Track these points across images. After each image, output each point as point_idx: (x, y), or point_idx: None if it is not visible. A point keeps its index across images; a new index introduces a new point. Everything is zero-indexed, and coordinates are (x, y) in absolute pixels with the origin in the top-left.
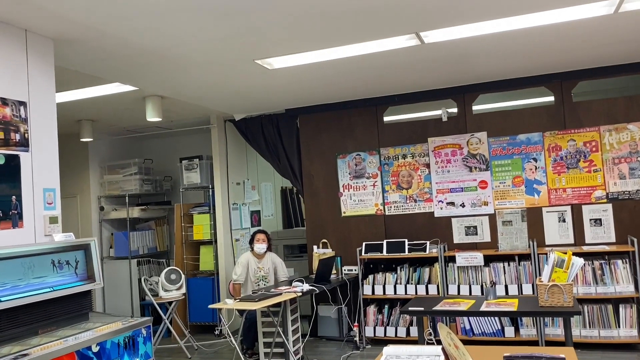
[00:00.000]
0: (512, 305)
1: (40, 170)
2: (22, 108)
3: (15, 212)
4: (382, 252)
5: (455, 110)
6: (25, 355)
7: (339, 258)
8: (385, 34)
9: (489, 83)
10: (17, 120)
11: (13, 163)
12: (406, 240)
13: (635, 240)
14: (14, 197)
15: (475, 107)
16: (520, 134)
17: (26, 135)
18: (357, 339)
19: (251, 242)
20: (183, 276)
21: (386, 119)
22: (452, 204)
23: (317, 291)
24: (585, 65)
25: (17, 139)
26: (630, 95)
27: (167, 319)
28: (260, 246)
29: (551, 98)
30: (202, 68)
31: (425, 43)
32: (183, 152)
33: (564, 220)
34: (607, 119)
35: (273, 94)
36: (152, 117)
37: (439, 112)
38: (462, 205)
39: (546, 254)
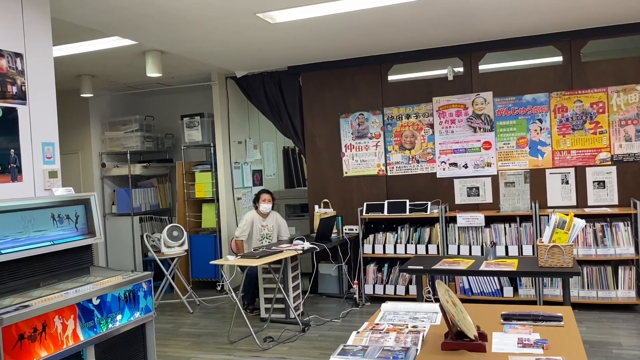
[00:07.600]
0: (512, 266)
1: (38, 123)
2: (18, 60)
3: (14, 165)
4: (383, 212)
5: (461, 69)
6: (26, 306)
7: (340, 218)
8: None
9: (496, 41)
10: (13, 73)
11: (10, 116)
12: (407, 200)
13: (637, 202)
14: (12, 150)
15: (481, 67)
16: (526, 94)
17: (23, 87)
18: (356, 296)
19: (256, 201)
20: (185, 233)
21: (390, 78)
22: (455, 164)
23: (318, 249)
24: (595, 24)
25: (14, 92)
26: None
27: (170, 274)
28: (266, 206)
29: (559, 58)
30: (202, 21)
31: None
32: (184, 109)
33: (567, 182)
34: (616, 80)
35: (275, 50)
36: (152, 72)
37: (444, 71)
38: (465, 166)
39: (548, 215)
